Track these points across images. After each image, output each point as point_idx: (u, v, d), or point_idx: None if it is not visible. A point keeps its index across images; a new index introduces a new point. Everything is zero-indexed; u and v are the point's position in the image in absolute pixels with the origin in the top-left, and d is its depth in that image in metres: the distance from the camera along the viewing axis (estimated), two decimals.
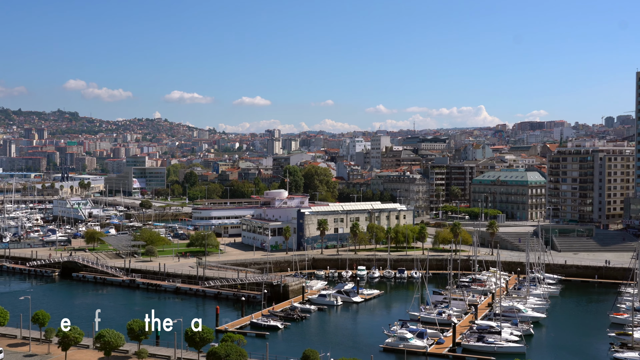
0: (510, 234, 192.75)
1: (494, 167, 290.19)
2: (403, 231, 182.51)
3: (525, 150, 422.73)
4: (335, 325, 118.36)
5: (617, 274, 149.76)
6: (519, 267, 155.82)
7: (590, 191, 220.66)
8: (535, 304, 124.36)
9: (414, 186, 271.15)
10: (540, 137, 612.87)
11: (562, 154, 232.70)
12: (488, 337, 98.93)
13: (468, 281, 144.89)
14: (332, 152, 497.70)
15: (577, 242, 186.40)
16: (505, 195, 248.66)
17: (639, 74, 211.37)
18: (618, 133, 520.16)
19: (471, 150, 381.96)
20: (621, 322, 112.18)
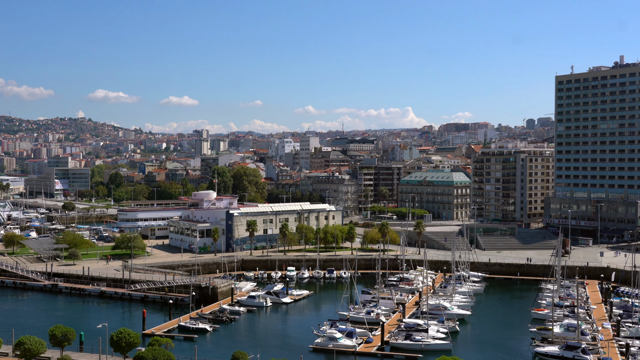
0: (436, 234, 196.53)
1: (420, 168, 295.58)
2: (332, 231, 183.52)
3: (450, 151, 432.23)
4: (264, 327, 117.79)
5: (538, 271, 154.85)
6: (445, 266, 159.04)
7: (512, 191, 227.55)
8: (461, 302, 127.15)
9: (343, 187, 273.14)
10: (465, 139, 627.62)
11: (486, 155, 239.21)
12: (415, 335, 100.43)
13: (396, 280, 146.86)
14: (261, 153, 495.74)
15: (500, 240, 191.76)
16: (431, 195, 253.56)
17: (558, 78, 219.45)
18: (538, 135, 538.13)
19: (399, 151, 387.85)
20: (542, 317, 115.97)
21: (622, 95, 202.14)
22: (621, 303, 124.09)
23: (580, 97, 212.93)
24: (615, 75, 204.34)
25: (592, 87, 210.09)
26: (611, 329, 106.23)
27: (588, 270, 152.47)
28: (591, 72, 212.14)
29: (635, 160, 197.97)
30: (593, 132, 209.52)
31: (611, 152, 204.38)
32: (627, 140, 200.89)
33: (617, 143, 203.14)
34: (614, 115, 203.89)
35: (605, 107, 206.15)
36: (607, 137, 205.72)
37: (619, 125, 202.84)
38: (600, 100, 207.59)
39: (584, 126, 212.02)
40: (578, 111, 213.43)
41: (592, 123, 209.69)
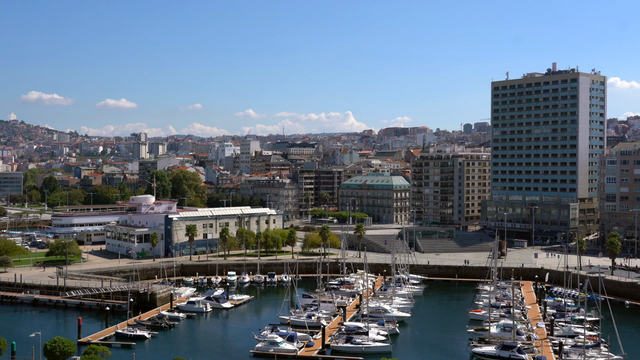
0: (376, 237, 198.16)
1: (361, 172, 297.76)
2: (273, 236, 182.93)
3: (390, 155, 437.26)
4: (204, 332, 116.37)
5: (476, 273, 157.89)
6: (385, 269, 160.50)
7: (450, 194, 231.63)
8: (401, 304, 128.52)
9: (284, 191, 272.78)
10: (404, 143, 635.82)
11: (425, 159, 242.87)
12: (356, 338, 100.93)
13: (337, 284, 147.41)
14: (201, 157, 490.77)
15: (439, 243, 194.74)
16: (371, 198, 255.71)
17: (493, 84, 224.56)
18: (475, 139, 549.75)
19: (339, 155, 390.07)
20: (479, 318, 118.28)
21: (554, 101, 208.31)
22: (554, 303, 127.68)
23: (515, 103, 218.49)
24: (548, 82, 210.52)
25: (527, 93, 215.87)
26: (545, 328, 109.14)
27: (523, 272, 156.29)
28: (525, 79, 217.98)
29: (568, 164, 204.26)
30: (527, 137, 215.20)
31: (544, 156, 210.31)
32: (559, 144, 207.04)
33: (550, 147, 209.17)
34: (547, 121, 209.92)
35: (539, 113, 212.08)
36: (541, 142, 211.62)
37: (552, 130, 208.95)
38: (534, 105, 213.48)
39: (518, 131, 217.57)
40: (513, 116, 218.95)
41: (527, 128, 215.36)
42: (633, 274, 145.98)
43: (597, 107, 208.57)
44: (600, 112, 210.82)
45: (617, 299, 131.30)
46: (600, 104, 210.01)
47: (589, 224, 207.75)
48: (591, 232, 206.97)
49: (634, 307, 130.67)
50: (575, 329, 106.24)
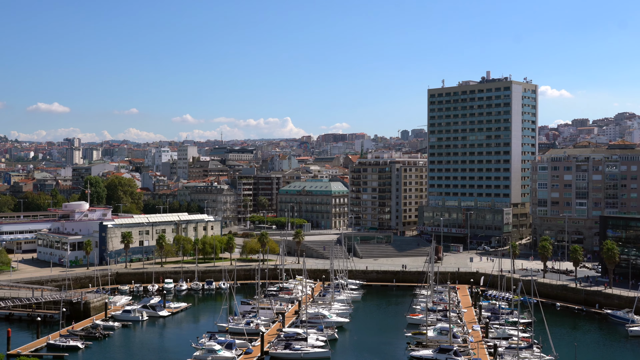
0: (315, 243, 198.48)
1: (299, 178, 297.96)
2: (211, 242, 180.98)
3: (329, 161, 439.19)
4: (140, 342, 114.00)
5: (413, 277, 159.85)
6: (324, 274, 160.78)
7: (388, 200, 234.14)
8: (340, 310, 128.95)
9: (222, 197, 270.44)
10: (342, 149, 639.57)
11: (363, 165, 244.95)
12: (295, 344, 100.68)
13: (275, 290, 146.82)
14: (137, 162, 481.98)
15: (377, 248, 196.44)
16: (310, 204, 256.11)
17: (430, 92, 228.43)
18: (412, 145, 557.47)
19: (278, 161, 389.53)
20: (417, 322, 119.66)
21: (488, 108, 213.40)
22: (489, 306, 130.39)
23: (451, 110, 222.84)
24: (483, 90, 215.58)
25: (462, 100, 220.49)
26: (480, 331, 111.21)
27: (459, 276, 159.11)
28: (460, 86, 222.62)
29: (501, 170, 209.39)
30: (463, 143, 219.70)
31: (479, 162, 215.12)
32: (493, 151, 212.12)
33: (485, 154, 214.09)
34: (482, 128, 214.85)
35: (474, 120, 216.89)
36: (476, 148, 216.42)
37: (486, 137, 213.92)
38: (469, 113, 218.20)
39: (454, 137, 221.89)
40: (449, 123, 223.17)
41: (462, 135, 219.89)
42: (563, 276, 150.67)
43: (529, 114, 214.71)
44: (532, 119, 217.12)
45: (548, 301, 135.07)
46: (532, 112, 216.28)
47: (522, 228, 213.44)
48: (524, 236, 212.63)
49: (564, 308, 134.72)
50: (509, 331, 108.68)
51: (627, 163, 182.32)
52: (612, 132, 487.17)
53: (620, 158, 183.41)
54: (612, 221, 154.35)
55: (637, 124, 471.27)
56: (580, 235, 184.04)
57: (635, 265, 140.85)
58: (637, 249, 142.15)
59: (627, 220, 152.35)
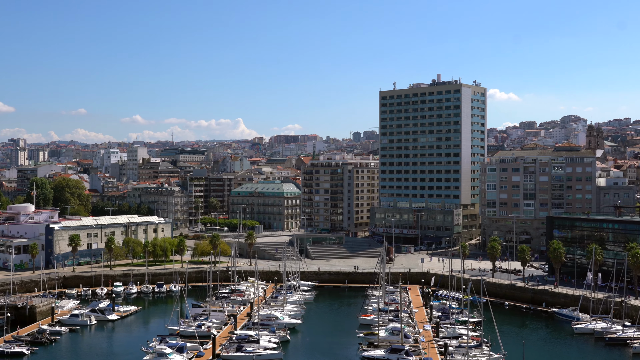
0: (267, 244, 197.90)
1: (251, 179, 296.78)
2: (161, 244, 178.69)
3: (281, 163, 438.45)
4: (89, 346, 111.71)
5: (365, 278, 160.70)
6: (276, 276, 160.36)
7: (340, 201, 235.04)
8: (292, 311, 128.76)
9: (173, 198, 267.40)
10: (295, 150, 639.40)
11: (315, 167, 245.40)
12: (247, 347, 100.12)
13: (227, 292, 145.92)
14: (85, 164, 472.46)
15: (329, 249, 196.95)
16: (262, 206, 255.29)
17: (381, 94, 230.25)
18: (364, 147, 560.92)
19: (229, 163, 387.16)
20: (369, 322, 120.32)
21: (439, 111, 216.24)
22: (440, 306, 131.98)
23: (402, 112, 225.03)
24: (433, 92, 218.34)
25: (413, 102, 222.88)
26: (431, 330, 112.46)
27: (410, 276, 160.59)
28: (412, 89, 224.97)
29: (451, 172, 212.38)
30: (414, 145, 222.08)
31: (430, 164, 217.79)
32: (443, 153, 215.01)
33: (435, 155, 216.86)
34: (432, 130, 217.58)
35: (425, 122, 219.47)
36: (426, 150, 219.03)
37: (437, 139, 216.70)
38: (420, 115, 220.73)
39: (405, 139, 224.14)
40: (400, 125, 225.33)
41: (413, 137, 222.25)
42: (512, 276, 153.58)
43: (478, 117, 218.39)
44: (482, 121, 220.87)
45: (497, 300, 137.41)
46: (481, 114, 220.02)
47: (472, 229, 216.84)
48: (473, 237, 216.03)
49: (512, 307, 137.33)
50: (459, 330, 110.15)
51: (572, 165, 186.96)
52: (558, 134, 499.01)
53: (566, 160, 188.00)
54: (558, 221, 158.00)
55: (582, 126, 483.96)
56: (527, 236, 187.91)
57: (580, 264, 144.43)
58: (582, 249, 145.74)
59: (573, 221, 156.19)
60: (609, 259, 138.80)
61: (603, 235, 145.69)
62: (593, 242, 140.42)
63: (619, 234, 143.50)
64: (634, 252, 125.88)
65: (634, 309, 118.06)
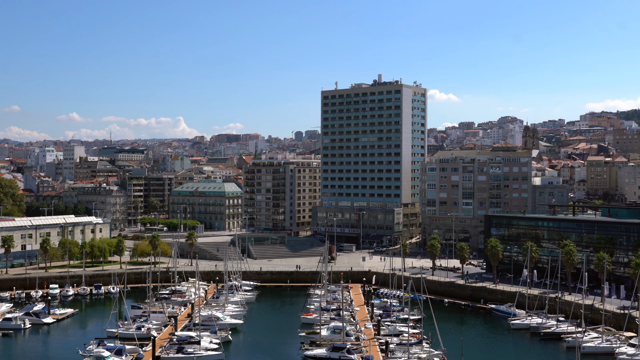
0: (208, 244, 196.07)
1: (192, 179, 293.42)
2: (99, 245, 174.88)
3: (222, 162, 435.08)
4: (22, 351, 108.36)
5: (307, 277, 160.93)
6: (217, 276, 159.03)
7: (282, 201, 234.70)
8: (234, 311, 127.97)
9: (111, 198, 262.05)
10: (236, 149, 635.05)
11: (257, 166, 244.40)
12: (188, 348, 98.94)
13: (168, 293, 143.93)
14: (19, 163, 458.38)
15: (271, 249, 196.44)
16: (203, 206, 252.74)
17: (323, 93, 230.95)
18: (306, 146, 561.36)
19: (170, 162, 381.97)
20: (310, 321, 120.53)
21: (380, 111, 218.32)
22: (381, 304, 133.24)
23: (344, 112, 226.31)
24: (374, 92, 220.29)
25: (354, 102, 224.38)
26: (373, 328, 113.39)
27: (352, 275, 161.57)
28: (353, 89, 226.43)
29: (392, 172, 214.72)
30: (355, 145, 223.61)
31: (371, 163, 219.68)
32: (384, 152, 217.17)
33: (377, 155, 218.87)
34: (374, 130, 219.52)
35: (366, 122, 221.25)
36: (368, 150, 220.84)
37: (378, 139, 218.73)
38: (362, 115, 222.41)
39: (347, 139, 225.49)
40: (342, 125, 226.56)
41: (354, 136, 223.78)
42: (451, 273, 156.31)
43: (418, 117, 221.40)
44: (422, 122, 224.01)
45: (437, 298, 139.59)
46: (421, 115, 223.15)
47: (412, 227, 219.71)
48: (414, 236, 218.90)
49: (452, 304, 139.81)
50: (399, 328, 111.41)
51: (509, 164, 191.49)
52: (495, 134, 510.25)
53: (503, 160, 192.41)
54: (495, 220, 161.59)
55: (519, 127, 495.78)
56: (466, 234, 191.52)
57: (517, 261, 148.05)
58: (519, 246, 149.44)
59: (510, 219, 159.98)
60: (544, 256, 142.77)
61: (538, 233, 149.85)
62: (529, 239, 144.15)
63: (553, 232, 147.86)
64: (568, 250, 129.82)
65: (567, 304, 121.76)
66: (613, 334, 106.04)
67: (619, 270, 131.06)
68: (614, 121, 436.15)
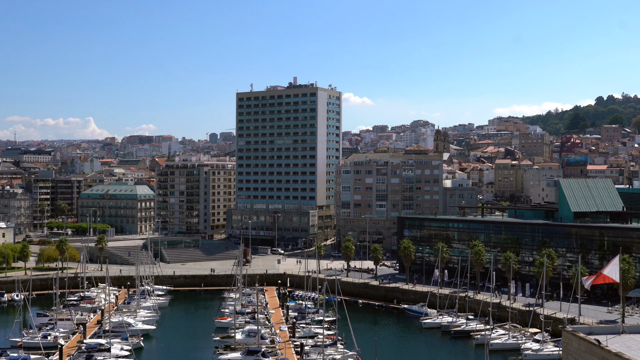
0: (120, 248, 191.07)
1: (103, 181, 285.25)
2: (2, 250, 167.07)
3: (134, 164, 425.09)
4: None
5: (222, 281, 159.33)
6: (129, 281, 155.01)
7: (196, 203, 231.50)
8: (146, 317, 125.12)
9: (15, 202, 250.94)
10: (149, 151, 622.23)
11: (170, 168, 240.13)
12: (97, 356, 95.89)
13: (76, 299, 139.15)
14: None
15: (184, 252, 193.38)
16: (114, 209, 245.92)
17: (238, 95, 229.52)
18: (221, 148, 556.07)
19: (79, 164, 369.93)
20: (225, 325, 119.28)
21: (295, 113, 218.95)
22: (296, 306, 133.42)
23: (259, 114, 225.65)
24: (290, 95, 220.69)
25: (270, 104, 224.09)
26: (288, 331, 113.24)
27: (267, 278, 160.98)
28: (269, 91, 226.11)
29: (307, 174, 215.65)
30: (271, 147, 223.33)
31: (287, 166, 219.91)
32: (300, 155, 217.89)
33: (292, 158, 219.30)
34: (289, 132, 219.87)
35: (281, 124, 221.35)
36: (283, 152, 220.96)
37: (294, 141, 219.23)
38: (277, 117, 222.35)
39: (262, 141, 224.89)
40: (257, 127, 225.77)
41: (270, 138, 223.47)
42: (365, 275, 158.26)
43: (333, 120, 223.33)
44: (337, 125, 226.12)
45: (351, 299, 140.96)
46: (336, 117, 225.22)
47: (327, 229, 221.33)
48: (329, 237, 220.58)
49: (366, 305, 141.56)
50: (314, 330, 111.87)
51: (421, 167, 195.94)
52: (408, 138, 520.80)
53: (416, 163, 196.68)
54: (408, 222, 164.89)
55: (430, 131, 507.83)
56: (380, 236, 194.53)
57: (429, 262, 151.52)
58: (430, 247, 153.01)
59: (422, 221, 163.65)
60: (454, 257, 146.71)
61: (449, 234, 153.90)
62: (440, 240, 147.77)
63: (463, 233, 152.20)
64: (477, 250, 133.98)
65: (476, 302, 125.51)
66: (519, 330, 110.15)
67: (524, 269, 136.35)
68: (520, 126, 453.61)
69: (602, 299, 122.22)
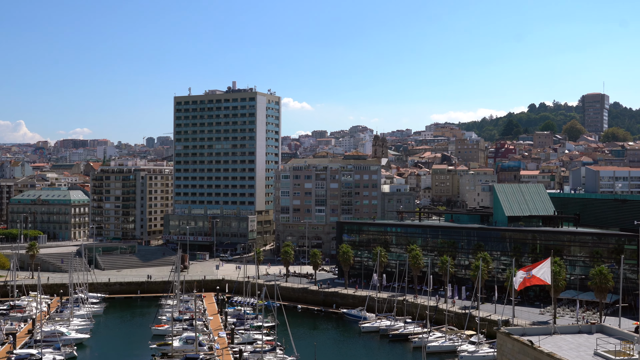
0: (52, 255, 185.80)
1: (34, 186, 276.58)
2: None
3: (68, 169, 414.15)
4: None
5: (159, 287, 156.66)
6: (62, 289, 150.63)
7: (132, 209, 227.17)
8: (79, 325, 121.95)
9: None
10: (83, 156, 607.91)
11: (106, 173, 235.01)
12: None
13: (6, 309, 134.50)
14: None
15: (120, 259, 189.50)
16: (47, 215, 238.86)
17: (176, 99, 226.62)
18: (158, 153, 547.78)
19: (9, 168, 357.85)
20: (162, 332, 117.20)
21: (234, 118, 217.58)
22: (235, 312, 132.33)
23: (198, 118, 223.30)
24: (229, 99, 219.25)
25: (208, 109, 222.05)
26: (226, 337, 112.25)
27: (205, 284, 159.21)
28: (207, 95, 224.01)
29: (246, 179, 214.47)
30: (209, 152, 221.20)
31: (225, 170, 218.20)
32: (239, 160, 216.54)
33: (231, 162, 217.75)
34: (228, 137, 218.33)
35: (220, 129, 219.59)
36: (222, 157, 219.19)
37: (232, 146, 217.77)
38: (215, 121, 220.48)
39: (200, 146, 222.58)
40: (195, 131, 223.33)
41: (208, 143, 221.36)
42: (304, 280, 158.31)
43: (273, 125, 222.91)
44: (276, 129, 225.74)
45: (290, 304, 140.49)
46: (275, 122, 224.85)
47: (266, 234, 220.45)
48: (268, 243, 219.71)
49: (305, 310, 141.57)
50: (253, 336, 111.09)
51: (360, 172, 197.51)
52: (347, 143, 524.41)
53: (354, 168, 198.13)
54: (347, 226, 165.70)
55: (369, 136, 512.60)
56: (319, 240, 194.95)
57: (367, 266, 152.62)
58: (369, 252, 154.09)
59: (360, 225, 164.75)
60: (392, 261, 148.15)
61: (387, 239, 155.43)
62: (378, 245, 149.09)
63: (401, 237, 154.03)
64: (414, 254, 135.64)
65: (414, 306, 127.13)
66: (455, 332, 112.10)
67: (460, 272, 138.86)
68: (456, 132, 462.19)
69: (535, 301, 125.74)
